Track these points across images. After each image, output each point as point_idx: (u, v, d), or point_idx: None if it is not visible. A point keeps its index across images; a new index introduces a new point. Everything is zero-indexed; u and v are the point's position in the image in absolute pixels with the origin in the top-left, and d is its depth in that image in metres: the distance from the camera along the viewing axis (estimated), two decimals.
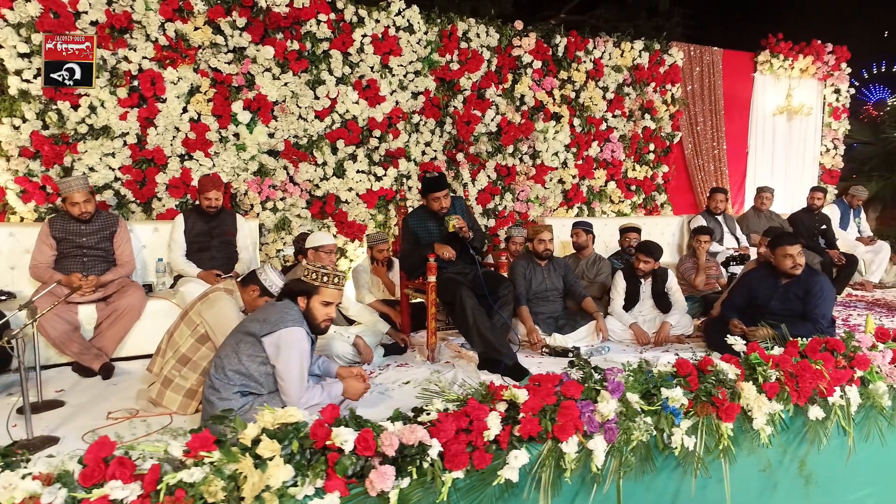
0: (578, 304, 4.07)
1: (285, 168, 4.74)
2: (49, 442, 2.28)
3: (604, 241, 5.64)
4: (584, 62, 5.81)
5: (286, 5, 4.54)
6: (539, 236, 4.05)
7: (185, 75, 4.34)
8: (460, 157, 5.37)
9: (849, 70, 7.31)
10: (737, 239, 5.79)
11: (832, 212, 6.49)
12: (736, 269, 4.84)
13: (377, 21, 4.90)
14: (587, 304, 4.00)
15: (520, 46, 5.49)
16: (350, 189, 4.97)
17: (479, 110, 5.39)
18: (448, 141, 5.34)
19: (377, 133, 4.99)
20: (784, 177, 7.30)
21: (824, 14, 10.45)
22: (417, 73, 5.13)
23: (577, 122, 5.85)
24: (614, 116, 6.05)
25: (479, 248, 3.60)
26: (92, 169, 4.16)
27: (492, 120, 5.46)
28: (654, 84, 6.20)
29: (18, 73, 3.92)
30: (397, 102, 5.06)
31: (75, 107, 4.07)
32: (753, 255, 5.15)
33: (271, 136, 4.67)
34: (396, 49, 4.98)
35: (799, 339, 2.69)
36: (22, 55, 3.92)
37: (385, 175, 5.08)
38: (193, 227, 3.91)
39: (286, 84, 4.64)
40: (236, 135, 4.56)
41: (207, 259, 3.87)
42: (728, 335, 3.12)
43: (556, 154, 5.80)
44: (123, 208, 4.30)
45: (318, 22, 4.67)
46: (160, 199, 4.39)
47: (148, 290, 3.88)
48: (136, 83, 4.22)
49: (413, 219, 3.74)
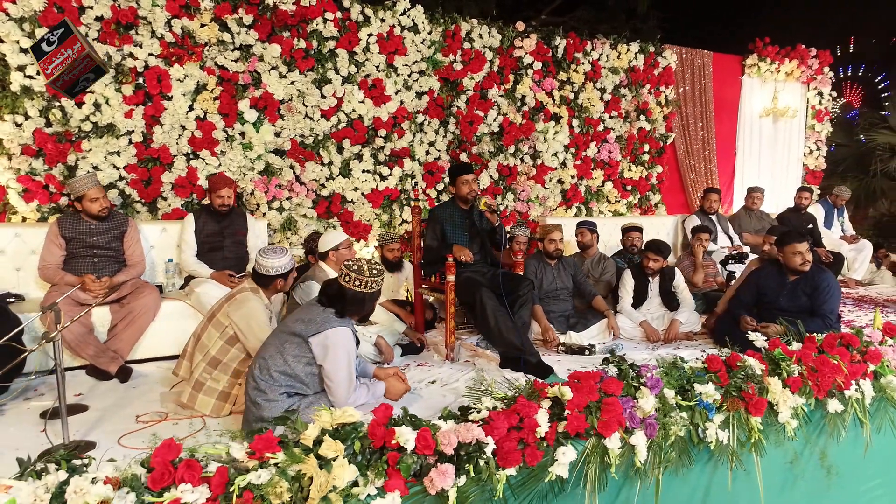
0: (588, 302, 4.14)
1: (292, 167, 4.71)
2: (87, 447, 2.25)
3: (602, 240, 5.72)
4: (583, 63, 5.90)
5: (293, 3, 4.50)
6: (550, 236, 4.11)
7: (191, 73, 4.27)
8: (464, 156, 5.40)
9: (831, 74, 7.56)
10: (730, 238, 5.95)
11: (817, 211, 6.71)
12: (734, 267, 4.98)
13: (382, 20, 4.90)
14: (597, 302, 4.07)
15: (521, 47, 5.55)
16: (356, 189, 4.96)
17: (482, 110, 5.43)
18: (452, 141, 5.37)
19: (382, 133, 4.99)
20: (770, 177, 7.51)
21: (784, 19, 10.78)
22: (422, 73, 5.14)
23: (575, 122, 5.93)
24: (611, 117, 6.15)
25: (500, 242, 3.66)
26: (96, 168, 4.07)
27: (494, 120, 5.50)
28: (648, 86, 6.32)
29: (21, 68, 3.82)
30: (402, 102, 5.07)
31: (79, 104, 3.98)
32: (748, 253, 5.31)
33: (278, 135, 4.63)
34: (402, 49, 4.99)
35: (815, 335, 2.80)
36: (25, 50, 3.81)
37: (390, 175, 5.09)
38: (205, 226, 3.86)
39: (293, 83, 4.61)
40: (242, 133, 4.52)
41: (219, 259, 3.83)
42: (736, 332, 3.24)
43: (555, 154, 5.87)
44: (128, 208, 4.22)
45: (325, 20, 4.65)
46: (166, 199, 4.31)
47: (158, 290, 3.81)
48: (141, 80, 4.15)
49: (440, 210, 3.85)
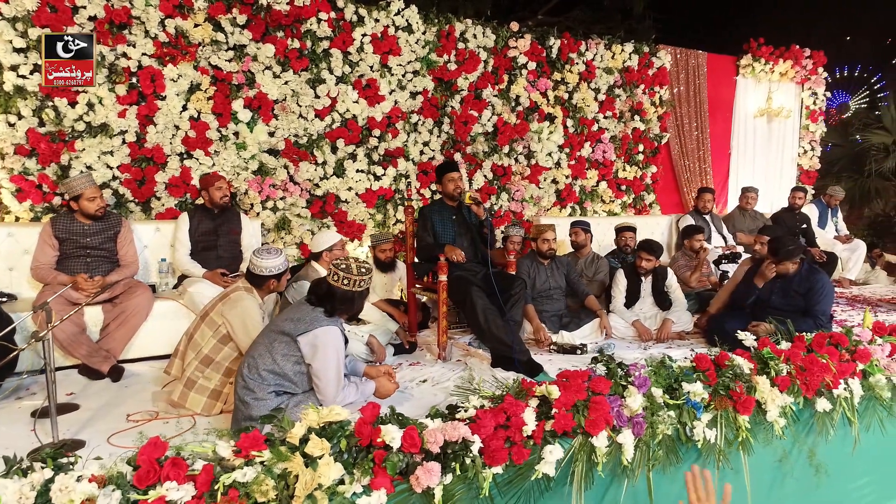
0: (581, 301, 4.16)
1: (286, 167, 4.71)
2: (75, 445, 2.25)
3: (596, 240, 5.74)
4: (577, 64, 5.91)
5: (287, 3, 4.51)
6: (543, 235, 4.12)
7: (185, 73, 4.27)
8: (458, 156, 5.41)
9: (825, 75, 7.58)
10: (724, 237, 5.96)
11: (811, 211, 6.74)
12: (727, 266, 5.00)
13: (377, 20, 4.91)
14: (590, 301, 4.08)
15: (515, 47, 5.56)
16: (350, 188, 4.96)
17: (476, 110, 5.44)
18: (446, 141, 5.37)
19: (377, 132, 4.99)
20: (764, 177, 7.53)
21: (782, 19, 10.80)
22: (416, 73, 5.15)
23: (569, 122, 5.94)
24: (605, 117, 6.16)
25: (488, 236, 3.71)
26: (90, 167, 4.06)
27: (488, 120, 5.51)
28: (643, 86, 6.34)
29: (14, 68, 3.82)
30: (396, 102, 5.08)
31: (73, 104, 3.98)
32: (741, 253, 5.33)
33: (272, 134, 4.64)
34: (396, 49, 4.99)
35: (805, 334, 2.82)
36: (18, 50, 3.82)
37: (384, 174, 5.09)
38: (199, 225, 3.86)
39: (287, 82, 4.61)
40: (236, 133, 4.52)
41: (214, 258, 3.83)
42: (726, 331, 3.25)
43: (549, 154, 5.88)
44: (122, 208, 4.22)
45: (319, 20, 4.66)
46: (159, 199, 4.31)
47: (151, 290, 3.82)
48: (135, 80, 4.15)
49: (429, 209, 3.89)
